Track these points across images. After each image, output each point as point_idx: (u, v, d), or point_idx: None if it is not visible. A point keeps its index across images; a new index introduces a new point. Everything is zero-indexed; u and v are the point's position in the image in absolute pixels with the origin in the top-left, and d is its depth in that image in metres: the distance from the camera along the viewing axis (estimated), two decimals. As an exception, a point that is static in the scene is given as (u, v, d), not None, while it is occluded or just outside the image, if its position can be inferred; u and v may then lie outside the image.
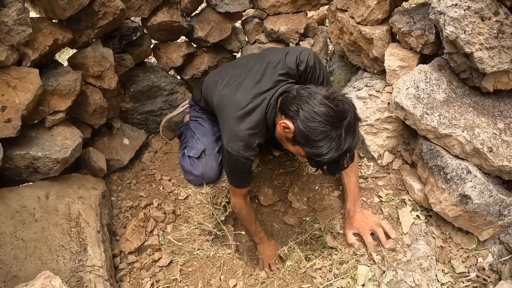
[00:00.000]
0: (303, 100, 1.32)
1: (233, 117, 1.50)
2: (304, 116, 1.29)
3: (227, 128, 1.52)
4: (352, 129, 1.30)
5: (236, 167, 1.59)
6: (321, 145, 1.27)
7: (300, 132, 1.31)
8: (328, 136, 1.27)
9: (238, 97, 1.52)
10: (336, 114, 1.27)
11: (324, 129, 1.26)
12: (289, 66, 1.54)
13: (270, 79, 1.53)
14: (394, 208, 1.69)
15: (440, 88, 1.60)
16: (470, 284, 1.50)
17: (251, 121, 1.49)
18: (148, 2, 1.89)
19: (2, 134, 1.51)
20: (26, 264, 1.50)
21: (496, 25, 1.40)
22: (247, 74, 1.59)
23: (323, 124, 1.26)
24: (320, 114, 1.27)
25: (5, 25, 1.45)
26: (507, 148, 1.43)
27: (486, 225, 1.50)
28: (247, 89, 1.53)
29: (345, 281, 1.55)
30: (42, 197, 1.63)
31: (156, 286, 1.63)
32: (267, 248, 1.86)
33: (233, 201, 1.79)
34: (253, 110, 1.49)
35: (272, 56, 1.59)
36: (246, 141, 1.50)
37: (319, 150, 1.28)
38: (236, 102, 1.51)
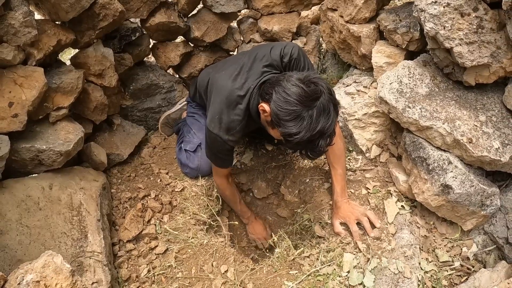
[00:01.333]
0: (278, 84, 1.37)
1: (222, 100, 1.57)
2: (277, 97, 1.33)
3: (213, 109, 1.59)
4: (326, 111, 1.31)
5: (215, 147, 1.65)
6: (291, 125, 1.29)
7: (273, 113, 1.35)
8: (299, 116, 1.29)
9: (230, 83, 1.59)
10: (307, 95, 1.29)
11: (294, 109, 1.29)
12: (273, 58, 1.60)
13: (256, 71, 1.60)
14: (380, 199, 1.75)
15: (423, 82, 1.65)
16: (454, 272, 1.55)
17: (236, 107, 1.56)
18: (147, 4, 1.99)
19: (9, 128, 1.62)
20: (30, 249, 1.60)
21: (475, 21, 1.45)
22: (237, 66, 1.66)
23: (293, 104, 1.29)
24: (291, 94, 1.30)
25: (12, 27, 1.56)
26: (488, 140, 1.47)
27: (469, 215, 1.55)
28: (238, 79, 1.60)
29: (332, 268, 1.61)
30: (46, 188, 1.73)
31: (152, 272, 1.72)
32: (256, 227, 1.93)
33: (217, 182, 1.85)
34: (239, 97, 1.56)
35: (259, 51, 1.66)
36: (228, 125, 1.56)
37: (290, 130, 1.30)
38: (227, 87, 1.58)
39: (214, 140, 1.60)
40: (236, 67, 1.64)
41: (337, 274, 1.59)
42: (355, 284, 1.54)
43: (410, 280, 1.49)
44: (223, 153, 1.68)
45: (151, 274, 1.71)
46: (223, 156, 1.69)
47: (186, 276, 1.69)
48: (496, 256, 1.48)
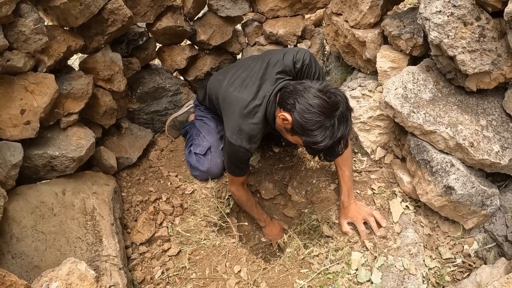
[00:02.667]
0: (299, 94, 1.44)
1: (238, 113, 1.62)
2: (300, 108, 1.41)
3: (232, 122, 1.64)
4: (345, 119, 1.41)
5: (236, 157, 1.70)
6: (316, 134, 1.39)
7: (297, 123, 1.43)
8: (323, 125, 1.38)
9: (243, 94, 1.64)
10: (329, 105, 1.38)
11: (318, 119, 1.38)
12: (286, 64, 1.66)
13: (270, 77, 1.65)
14: (385, 199, 1.82)
15: (427, 88, 1.72)
16: (456, 269, 1.64)
17: (255, 116, 1.61)
18: (153, 8, 2.00)
19: (22, 135, 1.63)
20: (46, 255, 1.62)
21: (478, 30, 1.51)
22: (249, 73, 1.71)
23: (317, 115, 1.38)
24: (314, 106, 1.38)
25: (23, 34, 1.56)
26: (488, 143, 1.56)
27: (470, 214, 1.64)
28: (250, 87, 1.65)
29: (340, 266, 1.69)
30: (59, 193, 1.75)
31: (166, 273, 1.76)
32: (273, 228, 2.02)
33: (232, 190, 1.91)
34: (256, 106, 1.61)
35: (272, 57, 1.71)
36: (249, 134, 1.62)
37: (314, 139, 1.40)
38: (240, 99, 1.63)
39: (237, 151, 1.65)
40: (248, 74, 1.68)
41: (345, 272, 1.67)
42: (363, 281, 1.62)
43: (415, 277, 1.57)
44: (244, 163, 1.74)
45: (165, 275, 1.76)
46: (243, 165, 1.76)
47: (200, 276, 1.74)
48: (496, 253, 1.58)
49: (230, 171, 1.81)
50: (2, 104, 1.60)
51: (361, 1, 1.86)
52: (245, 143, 1.63)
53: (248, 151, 1.66)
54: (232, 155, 1.70)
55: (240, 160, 1.72)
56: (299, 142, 1.51)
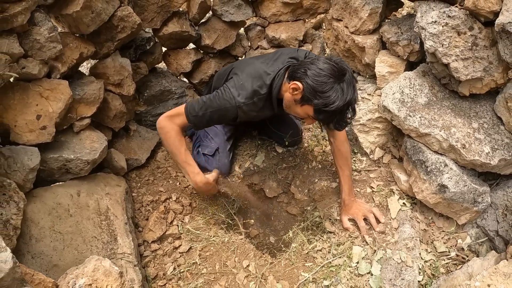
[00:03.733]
0: (308, 64, 1.56)
1: (248, 73, 1.70)
2: (312, 73, 1.52)
3: (239, 77, 1.70)
4: (352, 84, 1.53)
5: (219, 108, 1.65)
6: (328, 94, 1.49)
7: (309, 87, 1.52)
8: (333, 87, 1.49)
9: (256, 62, 1.76)
10: (338, 70, 1.51)
11: (329, 81, 1.49)
12: (299, 55, 1.79)
13: (281, 59, 1.77)
14: (384, 197, 1.94)
15: (423, 92, 1.83)
16: (450, 261, 1.76)
17: (261, 81, 1.69)
18: (160, 14, 2.07)
19: (38, 140, 1.70)
20: (64, 254, 1.70)
21: (470, 39, 1.62)
22: (262, 58, 1.83)
23: (328, 77, 1.49)
24: (324, 69, 1.50)
25: (38, 42, 1.62)
26: (479, 145, 1.67)
27: (463, 211, 1.75)
28: (263, 63, 1.76)
29: (342, 259, 1.80)
30: (74, 195, 1.82)
31: (178, 269, 1.86)
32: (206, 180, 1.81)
33: (165, 124, 1.70)
34: (265, 74, 1.69)
35: (284, 50, 1.84)
36: (248, 93, 1.67)
37: (327, 100, 1.49)
38: (253, 64, 1.74)
39: (227, 100, 1.65)
40: (262, 57, 1.80)
41: (347, 265, 1.78)
42: (363, 273, 1.73)
43: (412, 269, 1.69)
44: (217, 116, 1.68)
45: (176, 271, 1.85)
46: (213, 118, 1.68)
47: (210, 271, 1.84)
48: (487, 247, 1.70)
49: (191, 112, 1.67)
50: (19, 110, 1.66)
51: (361, 8, 1.95)
52: (240, 97, 1.65)
53: (235, 107, 1.65)
54: (217, 101, 1.66)
55: (220, 110, 1.66)
56: (309, 112, 1.58)
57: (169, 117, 1.72)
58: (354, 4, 1.97)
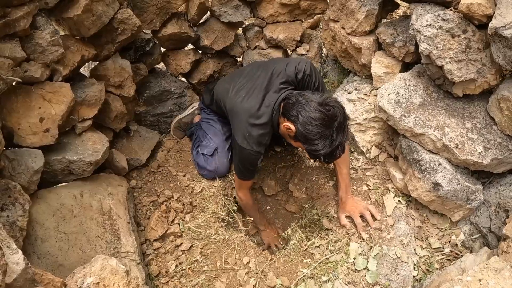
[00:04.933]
0: (301, 107, 1.60)
1: (246, 121, 1.76)
2: (303, 120, 1.58)
3: (241, 129, 1.78)
4: (342, 128, 1.59)
5: (247, 161, 1.84)
6: (317, 143, 1.57)
7: (300, 133, 1.60)
8: (323, 136, 1.56)
9: (249, 103, 1.78)
10: (328, 118, 1.55)
11: (319, 131, 1.56)
12: (289, 75, 1.81)
13: (274, 87, 1.79)
14: (380, 194, 1.99)
15: (417, 93, 1.88)
16: (445, 257, 1.82)
17: (262, 123, 1.76)
18: (159, 16, 2.09)
19: (42, 142, 1.73)
20: (69, 254, 1.73)
21: (464, 41, 1.65)
22: (254, 83, 1.84)
23: (318, 127, 1.56)
24: (315, 118, 1.55)
25: (40, 46, 1.64)
26: (472, 145, 1.72)
27: (457, 208, 1.81)
28: (256, 96, 1.79)
29: (340, 256, 1.85)
30: (77, 195, 1.86)
31: (179, 267, 1.91)
32: (272, 232, 2.16)
33: (240, 195, 2.03)
34: (262, 114, 1.76)
35: (275, 67, 1.85)
36: (258, 139, 1.77)
37: (315, 147, 1.58)
38: (247, 108, 1.77)
39: (248, 155, 1.80)
40: (253, 84, 1.82)
41: (344, 260, 1.83)
42: (360, 268, 1.79)
43: (407, 264, 1.75)
44: (254, 165, 1.88)
45: (178, 268, 1.90)
46: (253, 167, 1.89)
47: (212, 268, 1.89)
48: (481, 243, 1.76)
49: (241, 176, 1.93)
50: (22, 113, 1.69)
51: (357, 10, 1.99)
52: (255, 146, 1.78)
53: (259, 153, 1.81)
54: (243, 159, 1.84)
55: (251, 163, 1.85)
56: (302, 147, 1.70)
57: (239, 189, 2.03)
58: (351, 6, 2.00)
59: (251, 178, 1.96)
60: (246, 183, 1.98)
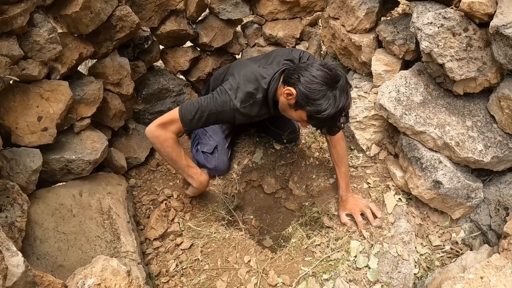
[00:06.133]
0: (302, 69, 1.57)
1: (244, 74, 1.71)
2: (305, 80, 1.53)
3: (235, 79, 1.70)
4: (345, 91, 1.54)
5: (216, 110, 1.65)
6: (320, 102, 1.51)
7: (302, 94, 1.53)
8: (326, 95, 1.51)
9: (253, 64, 1.77)
10: (331, 77, 1.51)
11: (321, 89, 1.51)
12: (294, 56, 1.82)
13: (277, 62, 1.79)
14: (380, 192, 2.00)
15: (418, 91, 1.88)
16: (445, 255, 1.83)
17: (257, 84, 1.70)
18: (158, 13, 2.07)
19: (40, 141, 1.71)
20: (69, 254, 1.72)
21: (465, 40, 1.66)
22: (259, 59, 1.86)
23: (320, 85, 1.51)
24: (317, 77, 1.51)
25: (37, 43, 1.62)
26: (473, 143, 1.73)
27: (457, 206, 1.82)
28: (258, 66, 1.78)
29: (340, 254, 1.85)
30: (76, 195, 1.84)
31: (180, 266, 1.90)
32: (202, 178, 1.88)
33: (159, 132, 1.67)
34: (262, 77, 1.71)
35: (279, 51, 1.87)
36: (244, 95, 1.68)
37: (319, 107, 1.51)
38: (252, 65, 1.76)
39: (224, 103, 1.65)
40: (256, 59, 1.82)
41: (345, 258, 1.83)
42: (361, 266, 1.79)
43: (408, 262, 1.76)
44: (213, 118, 1.67)
45: (179, 268, 1.89)
46: (209, 120, 1.68)
47: (212, 267, 1.88)
48: (481, 240, 1.78)
49: (187, 116, 1.66)
50: (20, 112, 1.66)
51: (358, 7, 1.98)
52: (237, 100, 1.65)
53: (233, 110, 1.65)
54: (214, 103, 1.65)
55: (217, 113, 1.65)
56: (303, 117, 1.62)
57: (162, 125, 1.69)
58: (351, 3, 2.00)
59: (190, 125, 1.67)
60: (179, 125, 1.68)
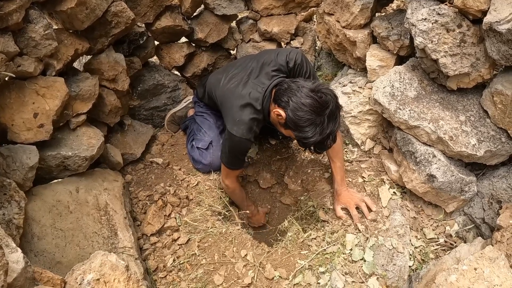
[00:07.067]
0: (292, 92, 1.57)
1: (237, 106, 1.73)
2: (293, 106, 1.54)
3: (232, 115, 1.75)
4: (334, 116, 1.56)
5: (237, 148, 1.79)
6: (307, 130, 1.54)
7: (290, 119, 1.57)
8: (313, 123, 1.53)
9: (240, 89, 1.77)
10: (320, 105, 1.52)
11: (309, 117, 1.52)
12: (280, 63, 1.79)
13: (266, 75, 1.78)
14: (375, 186, 2.02)
15: (412, 86, 1.90)
16: (439, 247, 1.86)
17: (252, 109, 1.73)
18: (153, 9, 2.06)
19: (36, 138, 1.70)
20: (66, 251, 1.72)
21: (459, 36, 1.67)
22: (246, 72, 1.84)
23: (308, 113, 1.52)
24: (306, 104, 1.52)
25: (33, 40, 1.61)
26: (466, 137, 1.76)
27: (451, 199, 1.85)
28: (247, 83, 1.78)
29: (336, 247, 1.88)
30: (73, 191, 1.84)
31: (177, 261, 1.91)
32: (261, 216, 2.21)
33: (227, 183, 1.98)
34: (253, 100, 1.73)
35: (266, 57, 1.84)
36: (249, 125, 1.73)
37: (305, 134, 1.55)
38: (239, 93, 1.76)
39: (238, 142, 1.75)
40: (245, 73, 1.81)
41: (341, 252, 1.86)
42: (357, 259, 1.82)
43: (403, 254, 1.79)
44: (243, 153, 1.84)
45: (176, 263, 1.91)
46: (242, 156, 1.86)
47: (210, 262, 1.90)
48: (474, 233, 1.81)
49: (228, 164, 1.88)
50: (15, 108, 1.66)
51: (352, 3, 1.99)
52: (246, 132, 1.73)
53: (249, 140, 1.76)
54: (233, 147, 1.78)
55: (240, 151, 1.81)
56: (292, 136, 1.67)
57: (226, 177, 1.97)
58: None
59: (239, 167, 1.92)
60: (233, 172, 1.93)
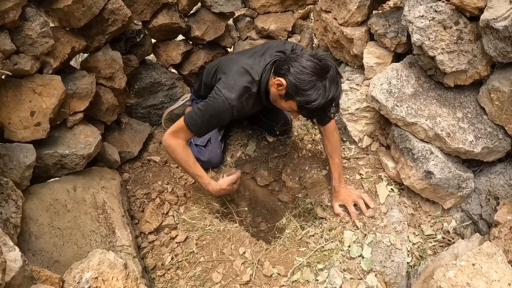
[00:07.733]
0: (292, 60, 1.57)
1: (235, 70, 1.72)
2: (294, 70, 1.54)
3: (228, 77, 1.72)
4: (335, 81, 1.54)
5: (215, 109, 1.69)
6: (310, 93, 1.51)
7: (291, 84, 1.54)
8: (315, 85, 1.51)
9: (244, 58, 1.77)
10: (321, 67, 1.51)
11: (311, 79, 1.51)
12: (286, 48, 1.81)
13: (269, 53, 1.79)
14: (372, 183, 2.03)
15: (409, 83, 1.90)
16: (437, 244, 1.87)
17: (249, 77, 1.71)
18: (150, 6, 2.05)
19: (33, 136, 1.69)
20: (64, 249, 1.71)
21: (456, 33, 1.68)
22: (251, 52, 1.86)
23: (310, 75, 1.51)
24: (307, 67, 1.52)
25: (30, 38, 1.60)
26: (463, 134, 1.76)
27: (448, 196, 1.85)
28: (251, 58, 1.78)
29: (334, 244, 1.88)
30: (70, 190, 1.83)
31: (175, 259, 1.91)
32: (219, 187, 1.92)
33: (171, 141, 1.78)
34: (252, 70, 1.71)
35: (272, 43, 1.87)
36: (240, 92, 1.69)
37: (308, 98, 1.52)
38: (241, 61, 1.75)
39: (221, 103, 1.67)
40: (249, 51, 1.82)
41: (339, 248, 1.87)
42: (355, 256, 1.83)
43: (401, 251, 1.79)
44: (216, 120, 1.73)
45: (174, 261, 1.90)
46: (212, 124, 1.75)
47: (208, 259, 1.90)
48: (472, 229, 1.82)
49: (191, 124, 1.73)
50: (12, 107, 1.65)
51: (350, 1, 1.99)
52: (234, 98, 1.67)
53: (232, 108, 1.69)
54: (212, 106, 1.69)
55: (217, 116, 1.71)
56: (293, 107, 1.62)
57: (172, 134, 1.78)
58: (343, -4, 2.01)
59: (200, 132, 1.78)
60: (188, 133, 1.76)
